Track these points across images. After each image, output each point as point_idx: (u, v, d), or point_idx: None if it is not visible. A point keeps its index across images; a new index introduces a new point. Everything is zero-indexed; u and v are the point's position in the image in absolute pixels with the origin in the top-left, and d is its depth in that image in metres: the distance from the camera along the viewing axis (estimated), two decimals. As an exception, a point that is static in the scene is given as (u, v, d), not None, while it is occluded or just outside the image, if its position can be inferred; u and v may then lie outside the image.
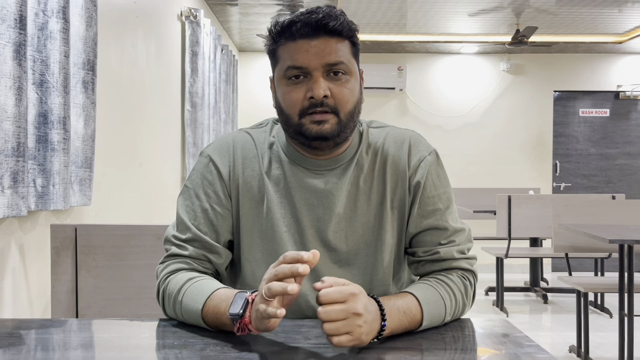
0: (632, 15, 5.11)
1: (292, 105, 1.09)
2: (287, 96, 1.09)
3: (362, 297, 0.90)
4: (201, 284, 1.06)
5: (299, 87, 1.08)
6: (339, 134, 1.09)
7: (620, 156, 6.72)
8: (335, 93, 1.08)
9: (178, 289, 1.07)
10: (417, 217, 1.15)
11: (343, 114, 1.08)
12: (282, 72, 1.10)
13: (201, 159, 1.18)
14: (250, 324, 0.92)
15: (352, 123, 1.11)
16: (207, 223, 1.14)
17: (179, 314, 1.07)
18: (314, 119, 1.07)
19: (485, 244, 5.40)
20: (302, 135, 1.10)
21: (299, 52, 1.07)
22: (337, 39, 1.08)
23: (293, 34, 1.07)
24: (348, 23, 1.09)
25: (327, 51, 1.06)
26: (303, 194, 1.14)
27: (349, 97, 1.09)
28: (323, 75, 1.07)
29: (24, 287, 1.83)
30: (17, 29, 1.54)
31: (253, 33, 5.67)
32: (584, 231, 3.04)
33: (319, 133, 1.08)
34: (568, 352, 3.64)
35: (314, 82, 1.06)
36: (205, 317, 1.01)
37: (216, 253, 1.14)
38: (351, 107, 1.09)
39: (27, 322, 1.11)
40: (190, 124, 3.85)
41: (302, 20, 1.06)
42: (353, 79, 1.10)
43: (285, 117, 1.11)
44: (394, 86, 6.43)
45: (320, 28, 1.06)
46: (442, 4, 4.80)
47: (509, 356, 0.91)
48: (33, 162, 1.74)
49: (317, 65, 1.06)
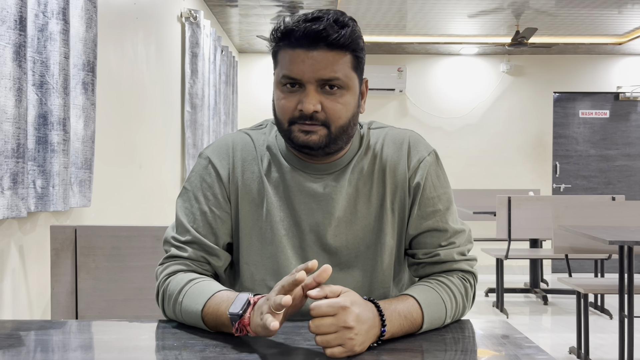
0: (631, 17, 5.11)
1: (283, 113, 1.08)
2: (279, 102, 1.09)
3: (353, 309, 0.89)
4: (202, 285, 1.06)
5: (292, 96, 1.07)
6: (328, 145, 1.08)
7: (620, 157, 6.72)
8: (327, 107, 1.05)
9: (179, 290, 1.06)
10: (416, 219, 1.15)
11: (334, 127, 1.07)
12: (278, 78, 1.09)
13: (200, 161, 1.17)
14: (248, 326, 0.92)
15: (345, 136, 1.09)
16: (206, 226, 1.13)
17: (178, 314, 1.06)
18: (302, 128, 1.06)
19: (485, 245, 5.40)
20: (290, 142, 1.10)
21: (294, 62, 1.05)
22: (336, 52, 1.04)
23: (292, 42, 1.05)
24: (351, 35, 1.05)
25: (322, 65, 1.03)
26: (302, 198, 1.13)
27: (341, 112, 1.06)
28: (317, 88, 1.05)
29: (24, 288, 1.83)
30: (17, 30, 1.54)
31: (253, 34, 5.67)
32: (583, 232, 3.04)
33: (305, 143, 1.07)
34: (568, 353, 3.64)
35: (305, 96, 1.05)
36: (205, 318, 1.01)
37: (215, 255, 1.14)
38: (344, 121, 1.07)
39: (26, 323, 1.11)
40: (190, 125, 3.85)
41: (301, 30, 1.03)
42: (349, 94, 1.07)
43: (277, 120, 1.11)
44: (394, 87, 6.43)
45: (320, 40, 1.03)
46: (442, 6, 4.81)
47: (509, 357, 0.91)
48: (33, 164, 1.74)
49: (310, 79, 1.04)
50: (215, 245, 1.13)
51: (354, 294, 0.93)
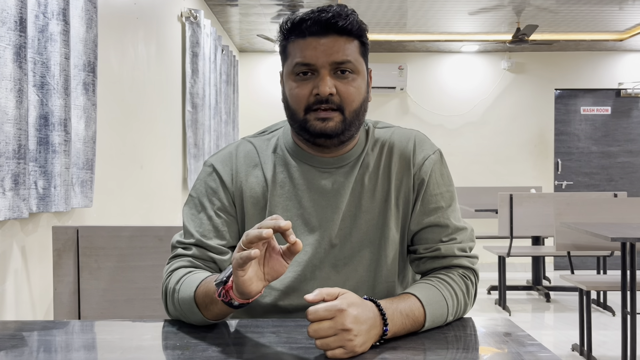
0: (633, 13, 5.11)
1: (298, 101, 1.10)
2: (293, 91, 1.11)
3: (351, 310, 0.89)
4: (199, 274, 1.07)
5: (306, 84, 1.10)
6: (343, 132, 1.11)
7: (622, 154, 6.71)
8: (341, 91, 1.09)
9: (176, 281, 1.08)
10: (419, 215, 1.16)
11: (348, 112, 1.10)
12: (290, 68, 1.12)
13: (204, 169, 1.20)
14: (231, 290, 0.92)
15: (357, 121, 1.12)
16: (212, 230, 1.14)
17: (176, 305, 1.06)
18: (318, 116, 1.09)
19: (487, 243, 5.40)
20: (306, 132, 1.11)
21: (307, 49, 1.09)
22: (345, 38, 1.10)
23: (303, 32, 1.09)
24: (358, 22, 1.11)
25: (335, 49, 1.08)
26: (311, 196, 1.15)
27: (354, 95, 1.10)
28: (330, 73, 1.09)
29: (26, 289, 1.84)
30: (17, 31, 1.54)
31: (253, 33, 5.67)
32: (586, 229, 3.03)
33: (323, 130, 1.09)
34: (571, 350, 3.64)
35: (320, 79, 1.08)
36: (197, 298, 1.01)
37: (221, 254, 1.14)
38: (357, 105, 1.11)
39: (29, 323, 1.11)
40: (191, 124, 3.85)
41: (312, 19, 1.08)
42: (360, 78, 1.12)
43: (291, 112, 1.13)
44: (395, 85, 6.43)
45: (330, 27, 1.08)
46: (443, 3, 4.80)
47: (512, 355, 0.91)
48: (34, 164, 1.74)
49: (324, 63, 1.08)
50: (221, 246, 1.14)
51: (351, 295, 0.92)
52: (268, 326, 1.04)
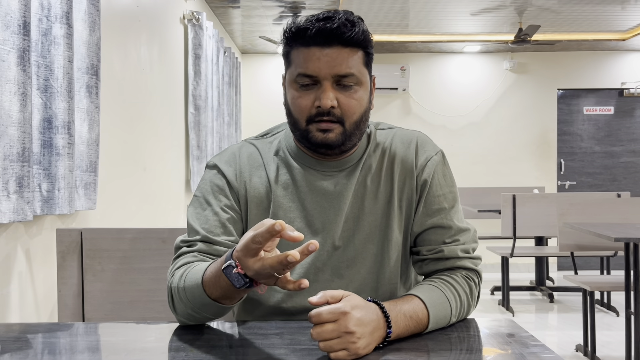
0: (635, 13, 5.10)
1: (300, 111, 1.10)
2: (295, 101, 1.10)
3: (354, 313, 0.89)
4: (202, 264, 1.04)
5: (308, 94, 1.09)
6: (344, 143, 1.11)
7: (625, 154, 6.70)
8: (342, 103, 1.08)
9: (181, 275, 1.05)
10: (422, 216, 1.16)
11: (349, 124, 1.10)
12: (293, 77, 1.11)
13: (208, 169, 1.19)
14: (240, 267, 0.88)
15: (358, 132, 1.12)
16: (219, 225, 1.12)
17: (182, 296, 1.03)
18: (320, 127, 1.09)
19: (490, 244, 5.39)
20: (307, 141, 1.11)
21: (310, 59, 1.07)
22: (350, 49, 1.08)
23: (307, 41, 1.08)
24: (364, 33, 1.09)
25: (338, 61, 1.07)
26: (314, 198, 1.15)
27: (356, 107, 1.10)
28: (332, 84, 1.08)
29: (31, 291, 1.84)
30: (21, 34, 1.55)
31: (255, 35, 5.68)
32: (589, 230, 3.03)
33: (324, 141, 1.09)
34: (575, 351, 3.63)
35: (322, 92, 1.07)
36: (205, 284, 0.98)
37: (227, 247, 1.11)
38: (357, 117, 1.10)
39: (34, 326, 1.12)
40: (194, 126, 3.86)
41: (316, 28, 1.06)
42: (362, 90, 1.11)
43: (293, 120, 1.12)
44: (397, 86, 6.43)
45: (334, 37, 1.06)
46: (444, 4, 4.80)
47: (515, 356, 0.91)
48: (38, 167, 1.75)
49: (327, 75, 1.07)
50: (229, 241, 1.12)
51: (355, 297, 0.92)
52: (271, 328, 1.04)
